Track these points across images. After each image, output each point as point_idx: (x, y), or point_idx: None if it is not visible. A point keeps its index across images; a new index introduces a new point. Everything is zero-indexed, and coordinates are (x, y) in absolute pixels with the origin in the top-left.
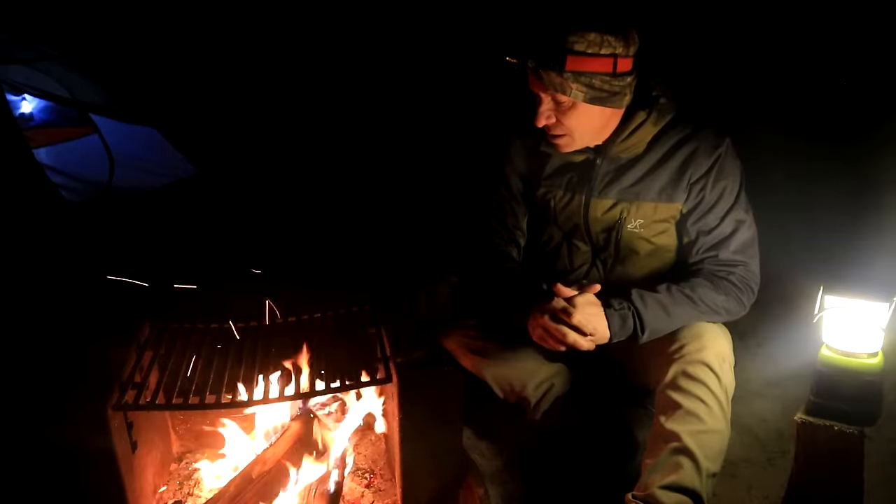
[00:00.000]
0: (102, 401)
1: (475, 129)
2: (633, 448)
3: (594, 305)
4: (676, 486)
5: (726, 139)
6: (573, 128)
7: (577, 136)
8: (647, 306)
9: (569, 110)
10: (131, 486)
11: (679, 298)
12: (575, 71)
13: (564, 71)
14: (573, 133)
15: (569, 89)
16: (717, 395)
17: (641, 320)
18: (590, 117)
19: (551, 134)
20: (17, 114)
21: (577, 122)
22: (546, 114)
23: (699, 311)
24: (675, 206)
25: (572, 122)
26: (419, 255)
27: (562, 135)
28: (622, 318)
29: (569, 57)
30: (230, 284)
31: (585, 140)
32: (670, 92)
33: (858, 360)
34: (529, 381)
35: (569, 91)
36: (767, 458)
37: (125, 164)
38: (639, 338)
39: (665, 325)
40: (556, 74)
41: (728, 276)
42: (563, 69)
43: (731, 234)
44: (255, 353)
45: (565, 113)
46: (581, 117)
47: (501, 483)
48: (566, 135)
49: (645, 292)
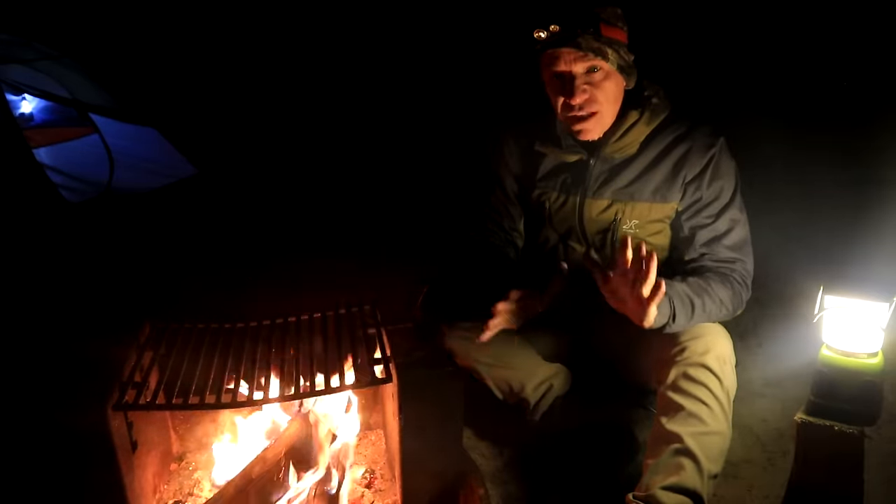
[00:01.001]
0: (102, 401)
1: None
2: (634, 448)
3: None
4: (677, 486)
5: (720, 138)
6: (604, 102)
7: (605, 114)
8: (676, 295)
9: (602, 81)
10: (131, 486)
11: (696, 290)
12: (608, 37)
13: (602, 36)
14: (603, 109)
15: (607, 53)
16: (719, 396)
17: (674, 308)
18: (616, 91)
19: (580, 115)
20: (17, 114)
21: (607, 94)
22: (582, 87)
23: (713, 305)
24: (669, 205)
25: (604, 95)
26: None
27: (592, 113)
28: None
29: (601, 24)
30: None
31: (606, 122)
32: (663, 91)
33: (858, 360)
34: (528, 382)
35: (607, 55)
36: (767, 458)
37: (125, 164)
38: (668, 326)
39: (687, 318)
40: (593, 39)
41: (731, 273)
42: (600, 34)
43: (726, 232)
44: (254, 353)
45: (598, 85)
46: (611, 89)
47: (501, 483)
48: (597, 113)
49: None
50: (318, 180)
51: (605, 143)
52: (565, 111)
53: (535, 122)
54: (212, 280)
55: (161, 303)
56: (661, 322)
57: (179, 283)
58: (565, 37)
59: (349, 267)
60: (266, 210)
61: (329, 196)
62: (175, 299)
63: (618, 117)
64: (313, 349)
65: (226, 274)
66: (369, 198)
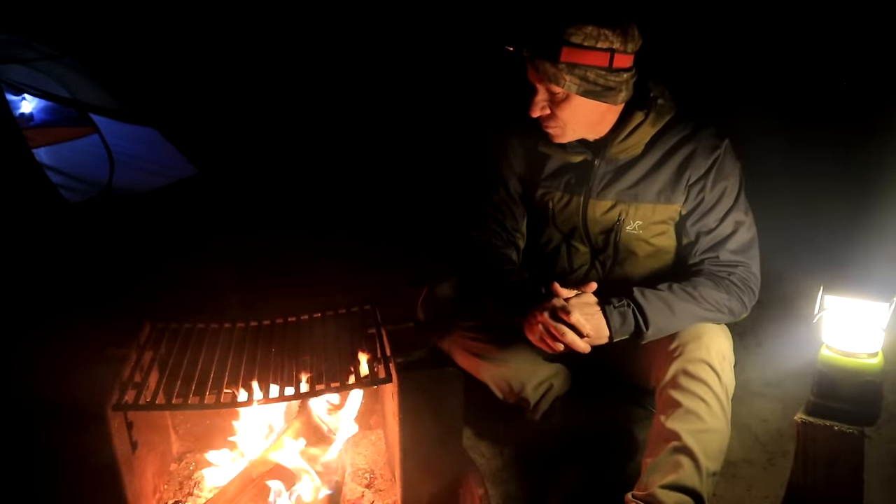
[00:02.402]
0: (102, 401)
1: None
2: (633, 448)
3: (591, 305)
4: (677, 485)
5: (725, 140)
6: (566, 120)
7: (570, 129)
8: (649, 302)
9: (562, 102)
10: (131, 486)
11: (682, 296)
12: (569, 62)
13: (559, 62)
14: (566, 126)
15: (562, 80)
16: (718, 393)
17: (644, 316)
18: (584, 111)
19: (544, 125)
20: (17, 114)
21: (570, 114)
22: (540, 104)
23: (703, 309)
24: (673, 207)
25: (566, 115)
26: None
27: (552, 127)
28: (622, 316)
29: (564, 48)
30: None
31: (578, 133)
32: (669, 92)
33: (858, 360)
34: (528, 382)
35: (562, 82)
36: (767, 458)
37: (125, 164)
38: (643, 334)
39: (669, 323)
40: (550, 65)
41: (729, 277)
42: (557, 60)
43: (730, 234)
44: (255, 353)
45: (559, 105)
46: (575, 110)
47: (501, 483)
48: (558, 127)
49: (647, 289)
50: (318, 180)
51: (610, 143)
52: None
53: (538, 121)
54: (212, 280)
55: (161, 303)
56: (626, 333)
57: (179, 283)
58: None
59: (350, 267)
60: (266, 210)
61: (329, 196)
62: (175, 299)
63: (623, 118)
64: (313, 349)
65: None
66: (369, 198)
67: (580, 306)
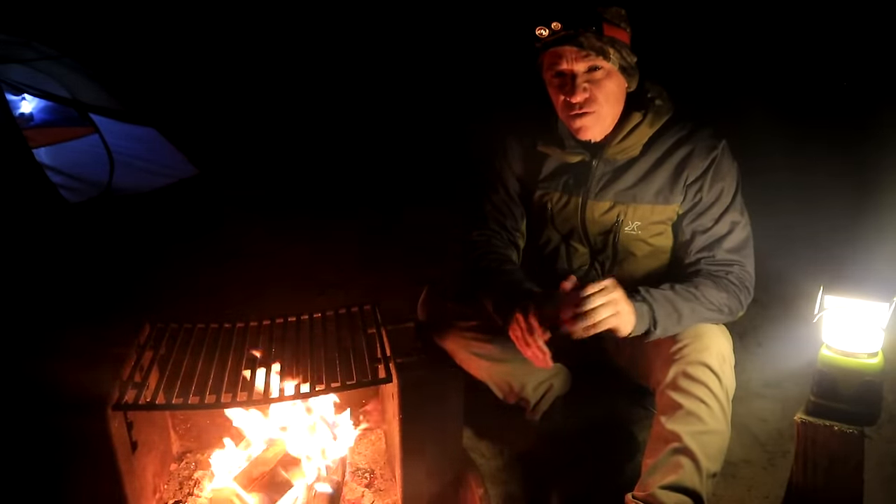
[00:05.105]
0: (102, 401)
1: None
2: (633, 448)
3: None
4: (677, 486)
5: (723, 141)
6: (604, 102)
7: (604, 114)
8: (658, 303)
9: (602, 80)
10: (131, 486)
11: (685, 296)
12: (611, 37)
13: (603, 35)
14: (602, 109)
15: (608, 53)
16: (718, 395)
17: (654, 315)
18: (617, 92)
19: (578, 113)
20: (17, 114)
21: (608, 94)
22: (582, 86)
23: (705, 309)
24: (671, 207)
25: (604, 95)
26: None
27: (591, 111)
28: (641, 312)
29: (604, 24)
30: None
31: (606, 123)
32: (666, 93)
33: (858, 360)
34: (528, 382)
35: (608, 55)
36: (767, 458)
37: (125, 164)
38: (650, 334)
39: (673, 322)
40: (595, 38)
41: (727, 276)
42: (601, 33)
43: (726, 234)
44: (255, 353)
45: (599, 84)
46: (611, 89)
47: (501, 483)
48: (596, 112)
49: (651, 289)
50: (319, 180)
51: (608, 144)
52: (565, 110)
53: (537, 122)
54: (212, 280)
55: (161, 303)
56: (641, 330)
57: (180, 282)
58: (567, 35)
59: (350, 267)
60: (266, 210)
61: (329, 196)
62: (175, 299)
63: (621, 118)
64: (314, 349)
65: (226, 274)
66: (369, 197)
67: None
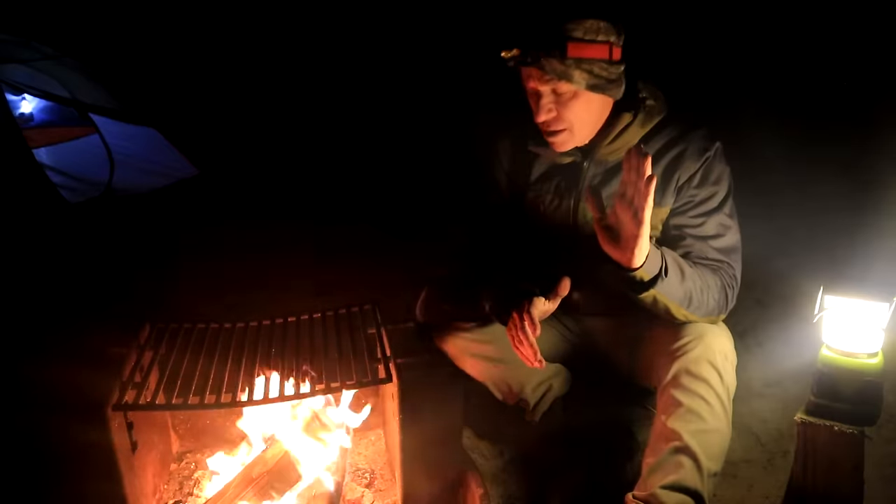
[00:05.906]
0: (102, 401)
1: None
2: (633, 448)
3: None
4: (677, 485)
5: (716, 143)
6: (573, 120)
7: (577, 130)
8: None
9: (570, 101)
10: (131, 486)
11: (689, 264)
12: (576, 57)
13: (567, 58)
14: (573, 126)
15: (571, 76)
16: (719, 393)
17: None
18: (589, 108)
19: (550, 131)
20: (17, 114)
21: (577, 113)
22: (547, 107)
23: (702, 282)
24: (663, 210)
25: (573, 114)
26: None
27: (561, 130)
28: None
29: (569, 44)
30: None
31: (583, 134)
32: (660, 92)
33: (858, 360)
34: (528, 383)
35: (572, 78)
36: (767, 458)
37: (125, 164)
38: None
39: (677, 280)
40: (558, 62)
41: (719, 269)
42: (565, 56)
43: (714, 236)
44: (255, 353)
45: (566, 104)
46: (581, 107)
47: (501, 483)
48: (566, 129)
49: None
50: (318, 180)
51: (598, 145)
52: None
53: (528, 123)
54: (212, 280)
55: (161, 303)
56: (653, 271)
57: (180, 283)
58: (528, 59)
59: (350, 267)
60: (266, 210)
61: (329, 196)
62: (175, 299)
63: (610, 119)
64: (314, 349)
65: (226, 274)
66: (369, 197)
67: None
